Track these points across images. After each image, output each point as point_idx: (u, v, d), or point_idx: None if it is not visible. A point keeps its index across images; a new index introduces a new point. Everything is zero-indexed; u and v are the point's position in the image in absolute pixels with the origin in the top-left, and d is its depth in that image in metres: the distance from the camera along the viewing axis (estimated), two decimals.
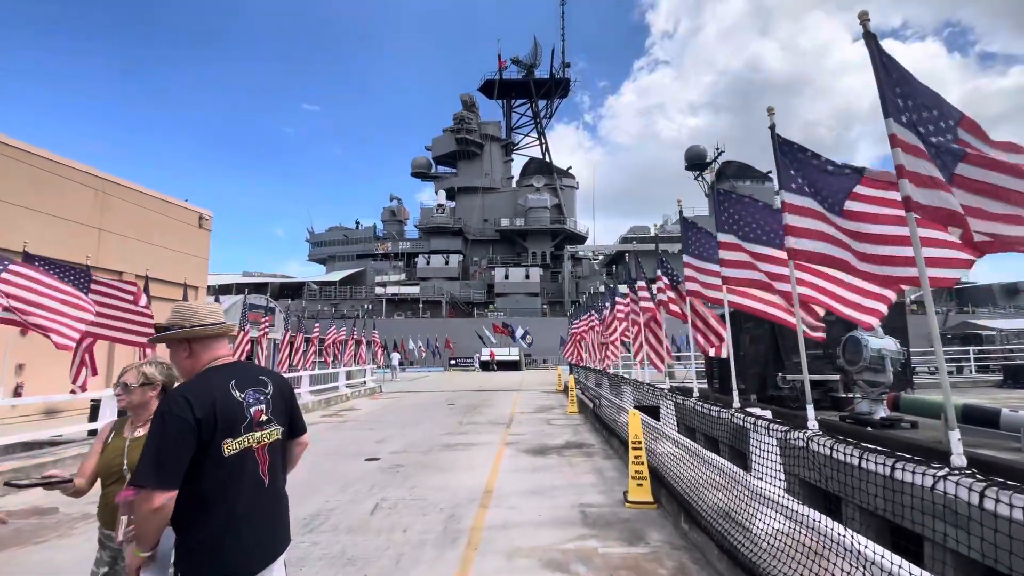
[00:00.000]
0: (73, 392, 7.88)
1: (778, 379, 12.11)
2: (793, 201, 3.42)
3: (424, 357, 42.06)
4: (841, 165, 3.45)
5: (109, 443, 2.33)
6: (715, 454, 5.39)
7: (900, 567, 2.15)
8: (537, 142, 68.44)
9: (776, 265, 4.54)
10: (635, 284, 8.96)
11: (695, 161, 64.10)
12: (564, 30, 67.17)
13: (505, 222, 60.01)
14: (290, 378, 13.85)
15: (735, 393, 4.65)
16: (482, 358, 39.93)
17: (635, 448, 5.53)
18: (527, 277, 55.40)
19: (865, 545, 2.35)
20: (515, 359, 39.12)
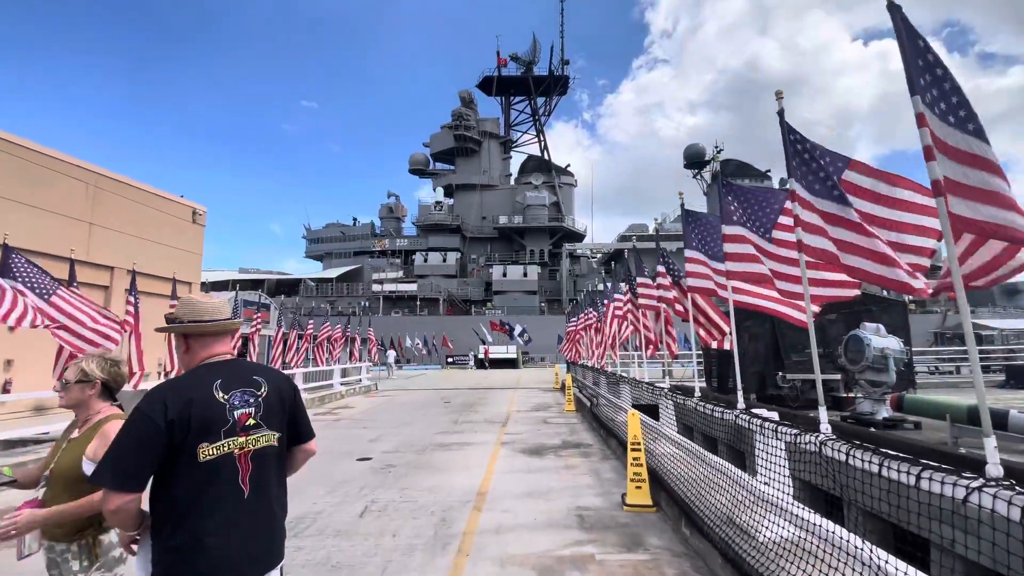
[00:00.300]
0: (56, 389, 7.68)
1: (778, 378, 11.95)
2: (800, 192, 3.23)
3: (421, 355, 41.78)
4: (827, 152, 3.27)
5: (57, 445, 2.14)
6: (714, 455, 5.22)
7: None
8: (536, 140, 68.14)
9: (780, 262, 4.36)
10: (635, 280, 8.77)
11: (693, 160, 63.88)
12: (563, 27, 66.94)
13: (503, 220, 59.74)
14: None
15: (739, 393, 4.46)
16: (478, 356, 39.52)
17: (634, 449, 5.34)
18: (525, 275, 55.21)
19: (886, 560, 2.17)
20: (512, 357, 38.88)
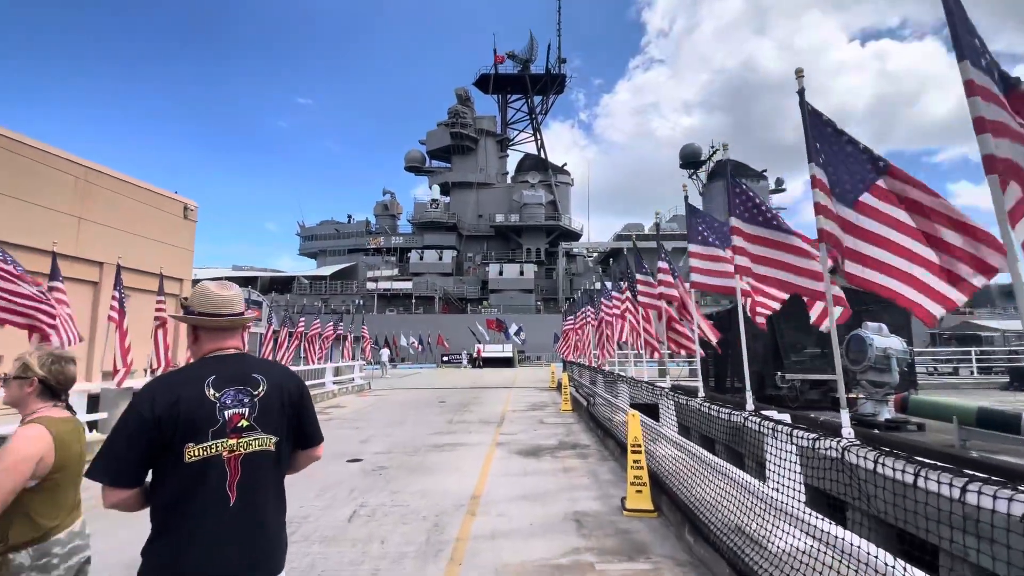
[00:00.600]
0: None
1: (777, 378, 11.79)
2: (819, 176, 3.03)
3: (416, 353, 41.48)
4: (865, 150, 3.06)
5: None
6: (713, 455, 5.02)
7: None
8: (532, 138, 67.89)
9: (791, 253, 4.16)
10: (634, 278, 8.56)
11: (690, 159, 63.85)
12: (560, 25, 66.72)
13: (500, 218, 59.48)
14: None
15: (748, 395, 4.26)
16: (471, 354, 39.09)
17: (634, 452, 5.13)
18: (521, 273, 54.99)
19: None
20: (508, 356, 38.62)
